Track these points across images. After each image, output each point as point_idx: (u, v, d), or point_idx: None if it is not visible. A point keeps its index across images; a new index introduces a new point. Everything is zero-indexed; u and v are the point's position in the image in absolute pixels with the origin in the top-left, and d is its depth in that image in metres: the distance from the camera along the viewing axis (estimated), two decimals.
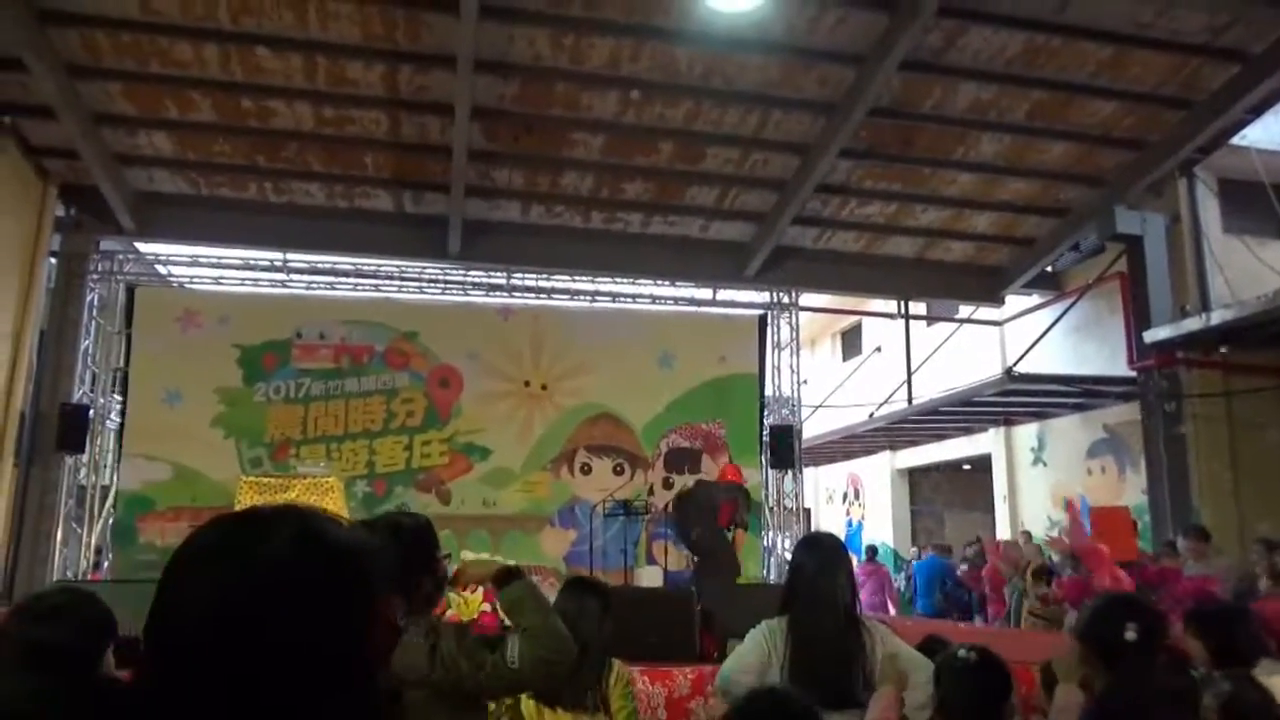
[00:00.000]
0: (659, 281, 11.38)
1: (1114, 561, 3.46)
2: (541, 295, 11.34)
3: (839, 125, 8.78)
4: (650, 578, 8.78)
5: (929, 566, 12.68)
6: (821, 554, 2.80)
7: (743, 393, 10.64)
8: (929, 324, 14.17)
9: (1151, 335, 10.38)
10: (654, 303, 11.38)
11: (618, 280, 11.36)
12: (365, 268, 10.94)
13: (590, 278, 11.24)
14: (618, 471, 10.24)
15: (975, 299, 12.33)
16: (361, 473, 9.83)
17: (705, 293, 11.59)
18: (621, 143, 9.34)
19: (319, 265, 10.83)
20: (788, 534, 11.29)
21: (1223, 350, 9.97)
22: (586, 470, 10.20)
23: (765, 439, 10.72)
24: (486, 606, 3.44)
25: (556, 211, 10.34)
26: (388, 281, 10.99)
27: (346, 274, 10.88)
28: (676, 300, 11.45)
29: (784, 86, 8.64)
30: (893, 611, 12.43)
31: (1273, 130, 10.86)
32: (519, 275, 11.26)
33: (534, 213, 10.34)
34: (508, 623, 3.35)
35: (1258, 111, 9.52)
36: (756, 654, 2.70)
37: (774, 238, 10.52)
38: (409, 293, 11.04)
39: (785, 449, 10.61)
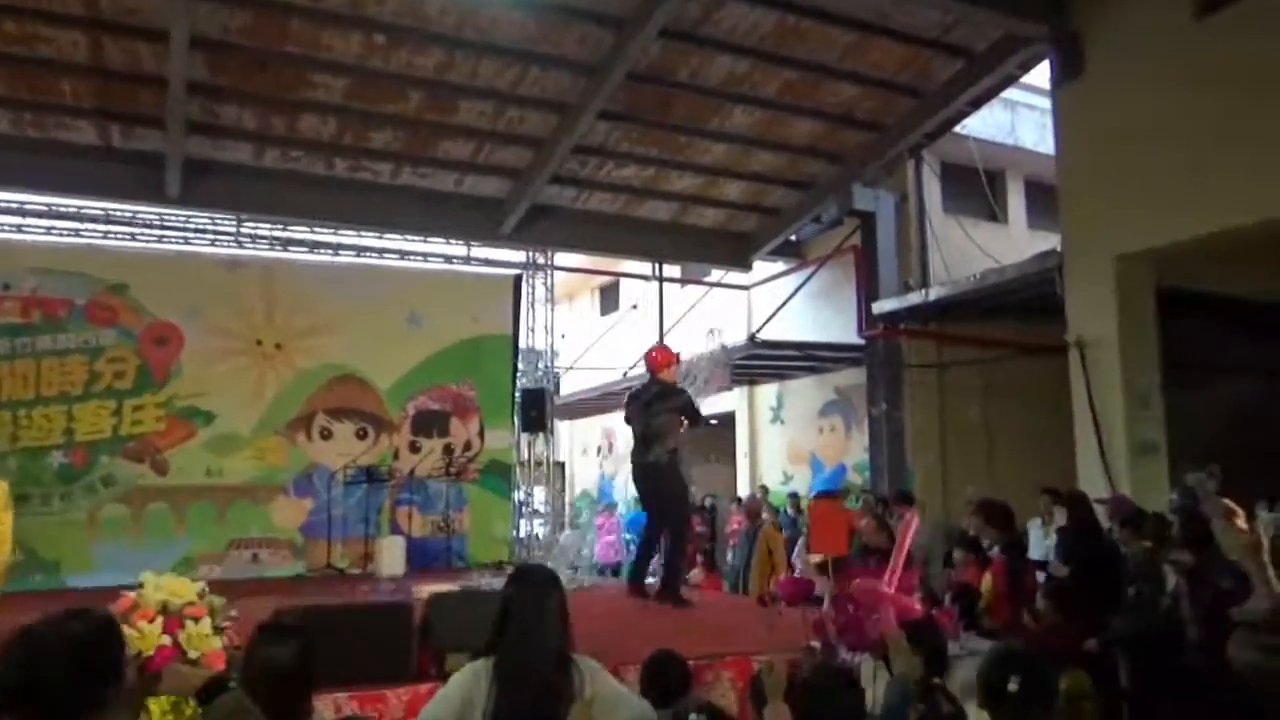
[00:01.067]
0: (408, 236, 10.78)
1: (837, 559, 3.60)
2: (276, 246, 10.41)
3: (598, 87, 8.60)
4: (392, 549, 8.44)
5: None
6: (532, 588, 2.64)
7: (495, 353, 10.36)
8: (682, 286, 14.50)
9: (879, 307, 11.16)
10: (403, 259, 10.78)
11: (363, 234, 10.65)
12: (63, 209, 9.52)
13: (333, 229, 10.45)
14: (361, 436, 9.70)
15: (725, 264, 12.70)
16: (57, 442, 8.65)
17: (458, 249, 11.13)
18: (367, 88, 8.65)
19: (4, 204, 9.30)
20: (540, 488, 11.31)
21: (933, 325, 10.90)
22: (326, 435, 9.58)
23: (517, 401, 10.54)
24: (166, 640, 3.02)
25: (295, 156, 9.47)
26: (91, 226, 9.62)
27: (39, 214, 9.42)
28: (427, 257, 10.92)
29: (542, 43, 8.31)
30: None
31: (989, 122, 11.88)
32: (250, 224, 10.27)
33: (269, 156, 9.42)
34: (190, 655, 2.96)
35: (977, 104, 10.31)
36: (459, 696, 2.51)
37: (530, 196, 10.24)
38: (118, 239, 9.74)
39: (537, 412, 10.50)
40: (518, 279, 10.95)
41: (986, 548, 6.42)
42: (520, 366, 11.08)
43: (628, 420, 6.54)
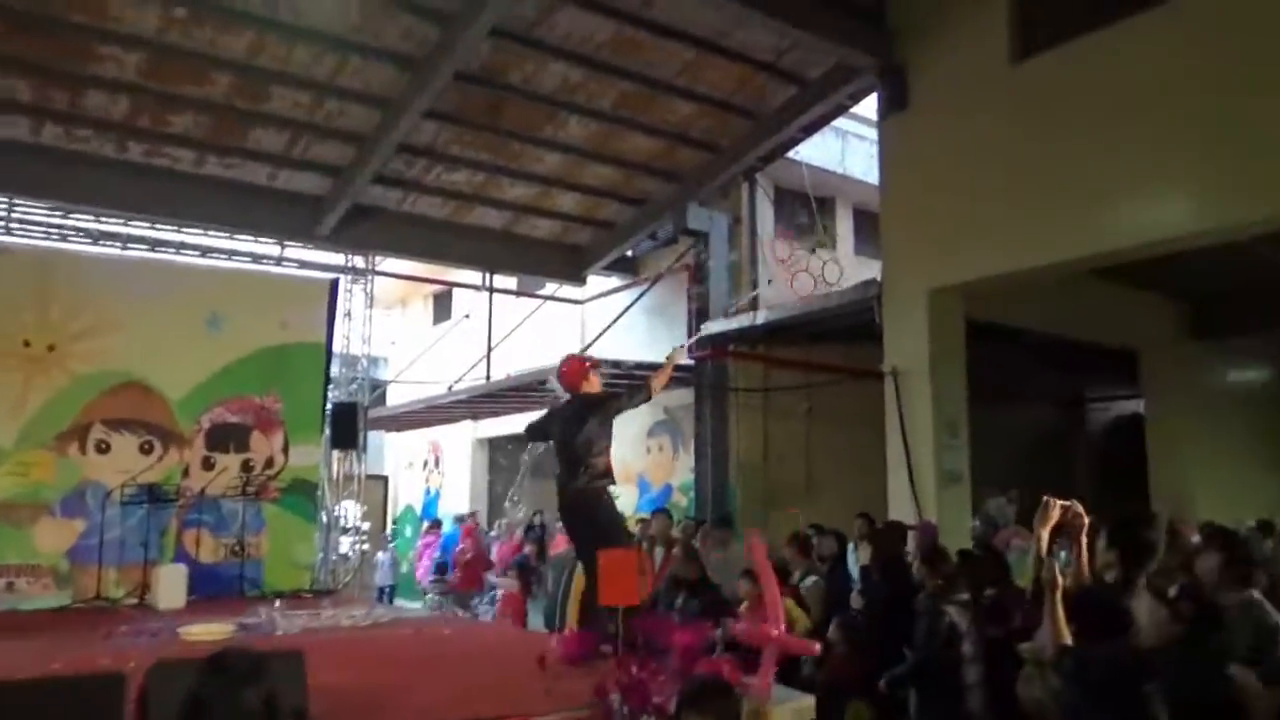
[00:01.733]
0: (212, 232, 9.90)
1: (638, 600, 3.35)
2: (53, 235, 9.32)
3: (424, 84, 8.14)
4: (171, 578, 7.63)
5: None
6: (226, 682, 2.22)
7: (305, 363, 9.59)
8: (516, 297, 14.09)
9: (709, 327, 11.15)
10: (204, 256, 9.89)
11: (159, 226, 9.70)
12: None
13: (123, 219, 9.46)
14: (145, 450, 8.74)
15: (559, 276, 12.42)
16: None
17: (270, 249, 10.33)
18: (165, 66, 7.87)
19: None
20: (352, 504, 10.64)
21: (760, 347, 10.98)
22: (104, 448, 8.57)
23: (327, 414, 9.84)
24: None
25: (81, 136, 8.52)
26: None
27: None
28: (233, 255, 10.06)
29: (364, 32, 7.79)
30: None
31: (820, 149, 12.13)
32: (23, 207, 9.16)
33: (48, 133, 8.43)
34: None
35: (809, 131, 10.48)
36: None
37: (352, 195, 9.64)
38: None
39: (349, 427, 9.84)
40: (334, 283, 10.24)
41: (799, 579, 6.38)
42: (335, 376, 10.37)
43: (532, 437, 5.77)
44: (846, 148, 12.96)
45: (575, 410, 5.24)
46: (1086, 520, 3.49)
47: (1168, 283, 10.93)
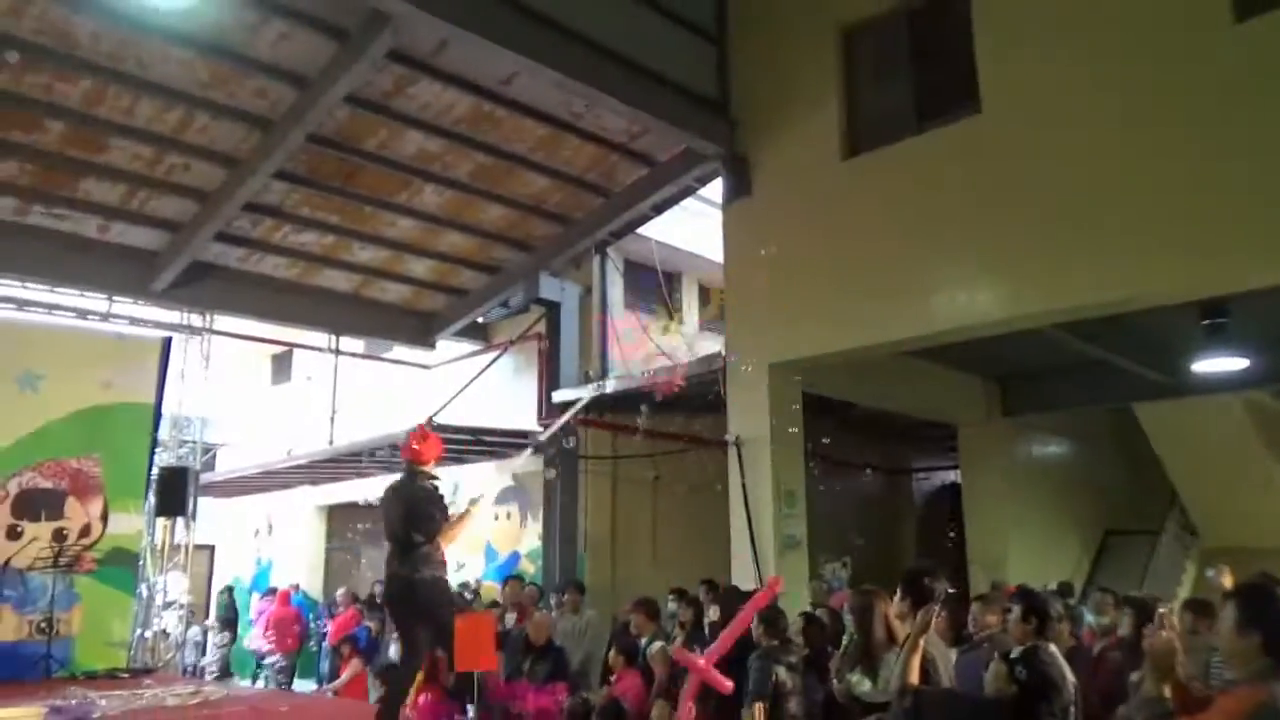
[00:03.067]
0: (31, 284, 9.30)
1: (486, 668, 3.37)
2: None
3: (275, 145, 8.07)
4: None
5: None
6: None
7: (130, 424, 9.07)
8: (362, 360, 13.80)
9: (559, 395, 11.28)
10: (20, 309, 9.26)
11: None
12: None
13: None
14: None
15: (408, 341, 12.28)
16: None
17: (97, 304, 9.77)
18: None
19: None
20: (177, 575, 9.99)
21: (608, 416, 11.18)
22: None
23: (153, 479, 9.29)
24: None
25: None
26: None
27: None
28: (53, 309, 9.46)
29: (214, 89, 7.66)
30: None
31: (669, 226, 12.63)
32: None
33: None
34: None
35: (659, 210, 10.91)
36: None
37: (190, 251, 9.32)
38: None
39: (176, 493, 9.32)
40: (168, 342, 9.77)
41: (645, 644, 6.49)
42: (164, 439, 9.83)
43: (389, 519, 5.24)
44: (694, 225, 13.55)
45: (412, 492, 5.09)
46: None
47: (980, 364, 11.90)
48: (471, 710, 4.31)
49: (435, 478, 5.24)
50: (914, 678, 3.54)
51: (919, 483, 16.24)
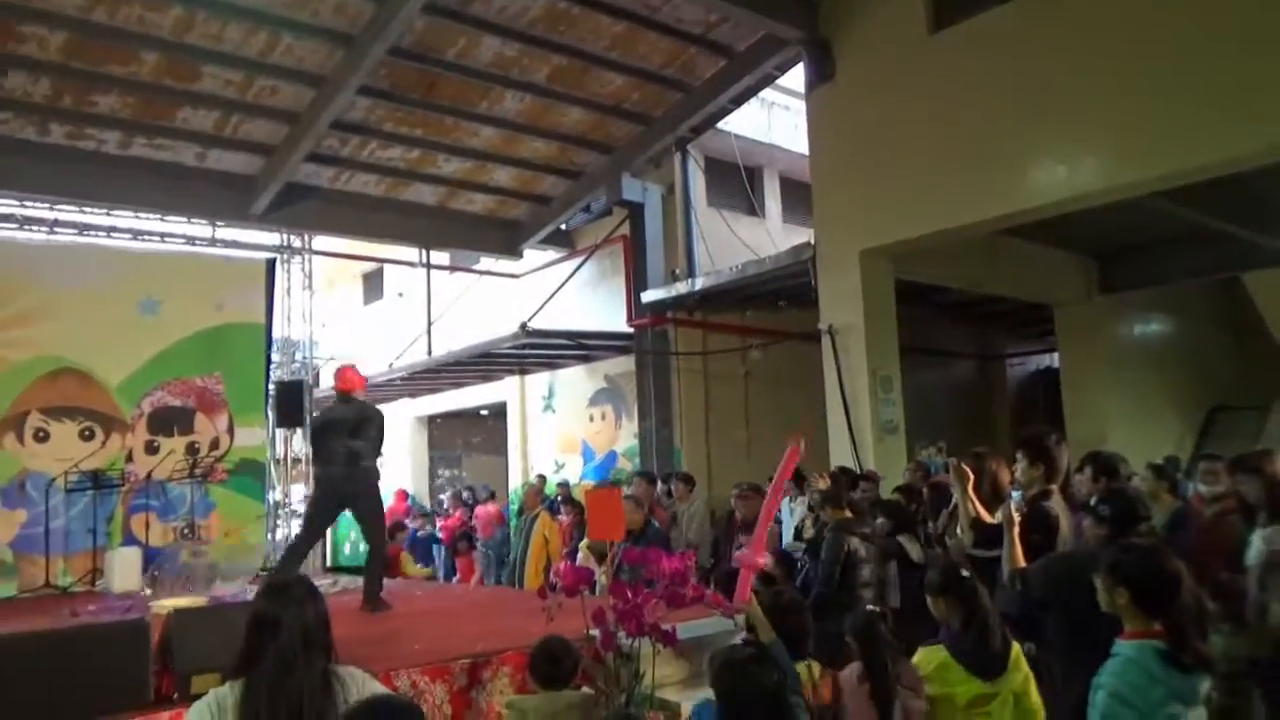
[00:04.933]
0: (142, 214, 9.73)
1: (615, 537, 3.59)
2: None
3: (358, 60, 8.14)
4: (125, 561, 7.58)
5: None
6: (286, 601, 2.39)
7: (245, 344, 9.54)
8: (451, 273, 14.12)
9: (647, 296, 11.40)
10: (136, 239, 9.71)
11: (87, 209, 9.49)
12: None
13: (49, 204, 9.23)
14: (86, 436, 8.63)
15: (495, 251, 12.49)
16: None
17: (202, 230, 10.18)
18: (90, 45, 7.72)
19: None
20: (300, 487, 10.61)
21: (698, 314, 11.28)
22: (43, 437, 8.44)
23: (271, 394, 9.80)
24: None
25: (1, 119, 8.30)
26: None
27: None
28: (165, 237, 9.89)
29: (296, 9, 7.76)
30: None
31: (749, 120, 12.43)
32: None
33: None
34: None
35: (738, 102, 10.72)
36: None
37: (285, 174, 9.57)
38: None
39: (293, 405, 9.82)
40: (271, 263, 10.17)
41: None
42: (275, 358, 10.32)
43: (316, 434, 6.37)
44: (773, 118, 13.29)
45: (356, 418, 6.02)
46: (970, 474, 4.26)
47: (1078, 240, 11.54)
48: (601, 575, 4.59)
49: (376, 411, 6.20)
50: (1020, 561, 3.61)
51: (1013, 368, 15.99)
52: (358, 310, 18.08)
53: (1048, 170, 7.47)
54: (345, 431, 5.93)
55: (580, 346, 12.24)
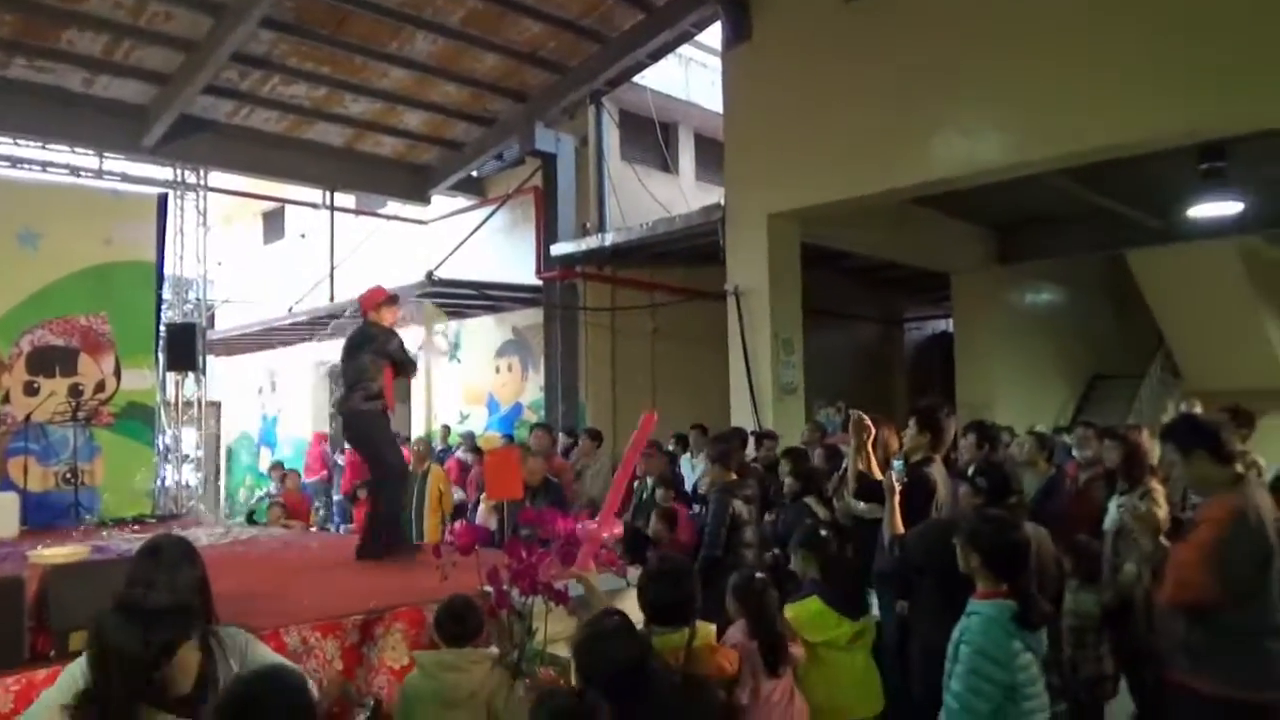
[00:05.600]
0: (22, 140, 9.15)
1: (509, 499, 3.61)
2: None
3: None
4: (1, 507, 7.26)
5: None
6: (160, 562, 2.34)
7: (134, 282, 9.09)
8: (356, 216, 13.73)
9: (557, 248, 11.33)
10: (15, 167, 9.14)
11: None
12: None
13: None
14: None
15: (403, 196, 12.20)
16: None
17: (89, 161, 9.64)
18: None
19: None
20: (190, 430, 10.28)
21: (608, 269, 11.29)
22: None
23: (161, 335, 9.42)
24: None
25: None
26: None
27: None
28: (47, 166, 9.33)
29: None
30: None
31: (665, 75, 12.35)
32: None
33: None
34: None
35: (655, 57, 10.66)
36: (72, 690, 2.18)
37: (179, 105, 9.12)
38: None
39: (185, 348, 9.46)
40: (163, 198, 9.69)
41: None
42: (167, 298, 9.90)
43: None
44: (690, 75, 13.24)
45: (355, 339, 5.41)
46: (871, 429, 4.54)
47: (980, 212, 11.93)
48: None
49: (388, 330, 5.40)
50: (899, 528, 3.85)
51: (912, 332, 16.53)
52: (257, 249, 17.46)
53: (953, 145, 7.68)
54: (342, 358, 5.40)
55: (487, 297, 12.12)
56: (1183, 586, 2.97)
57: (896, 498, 3.87)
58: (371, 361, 5.23)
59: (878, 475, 4.38)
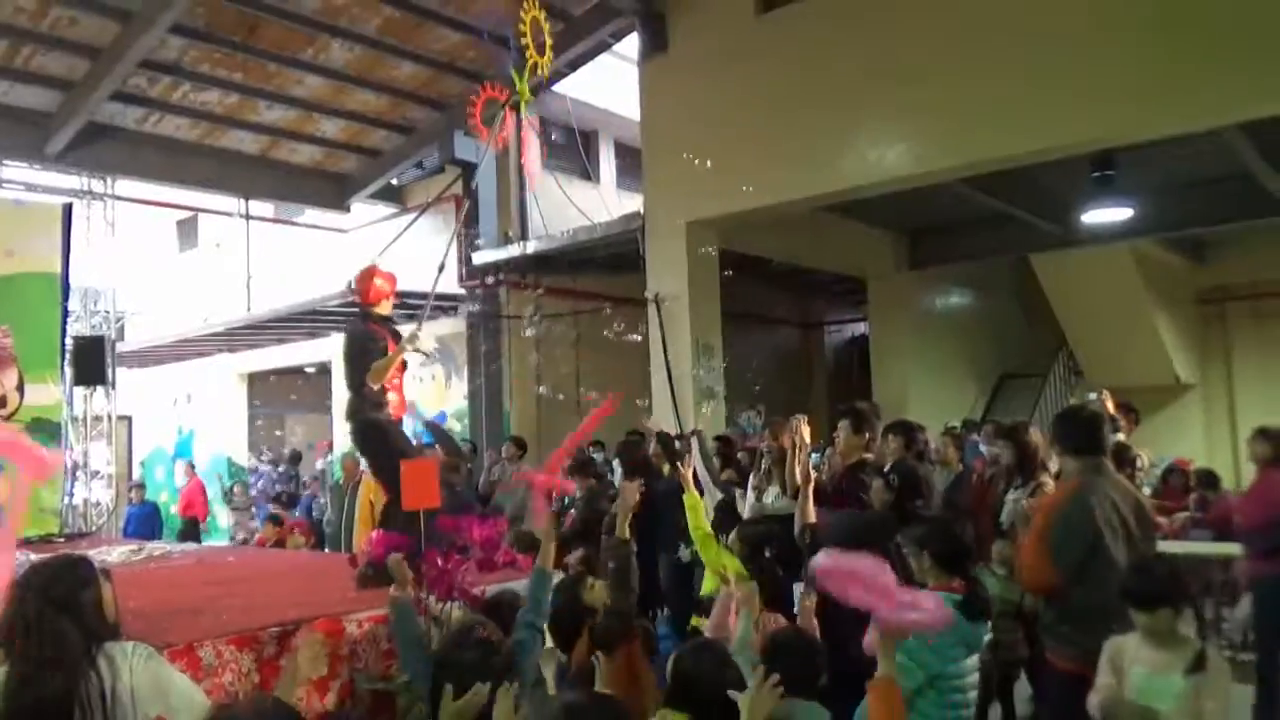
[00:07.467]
0: None
1: (424, 510, 3.64)
2: None
3: None
4: None
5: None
6: (52, 579, 2.32)
7: (38, 295, 8.81)
8: (274, 224, 13.50)
9: (479, 257, 11.33)
10: None
11: None
12: None
13: None
14: None
15: (321, 204, 12.07)
16: None
17: None
18: None
19: None
20: (100, 445, 9.99)
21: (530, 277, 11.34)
22: None
23: (68, 349, 9.15)
24: None
25: None
26: None
27: None
28: None
29: None
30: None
31: (584, 84, 12.44)
32: None
33: None
34: None
35: (574, 66, 10.76)
36: None
37: (85, 112, 8.92)
38: None
39: (93, 361, 9.21)
40: (68, 208, 9.42)
41: None
42: (74, 309, 9.61)
43: None
44: (609, 83, 13.35)
45: (356, 339, 4.96)
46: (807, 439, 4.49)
47: (891, 219, 12.31)
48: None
49: (388, 319, 5.05)
50: (810, 517, 4.01)
51: (830, 335, 16.93)
52: (171, 259, 16.99)
53: (862, 154, 7.96)
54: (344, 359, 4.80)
55: (407, 306, 12.03)
56: (1026, 571, 3.36)
57: (810, 486, 4.03)
58: (360, 362, 4.73)
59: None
